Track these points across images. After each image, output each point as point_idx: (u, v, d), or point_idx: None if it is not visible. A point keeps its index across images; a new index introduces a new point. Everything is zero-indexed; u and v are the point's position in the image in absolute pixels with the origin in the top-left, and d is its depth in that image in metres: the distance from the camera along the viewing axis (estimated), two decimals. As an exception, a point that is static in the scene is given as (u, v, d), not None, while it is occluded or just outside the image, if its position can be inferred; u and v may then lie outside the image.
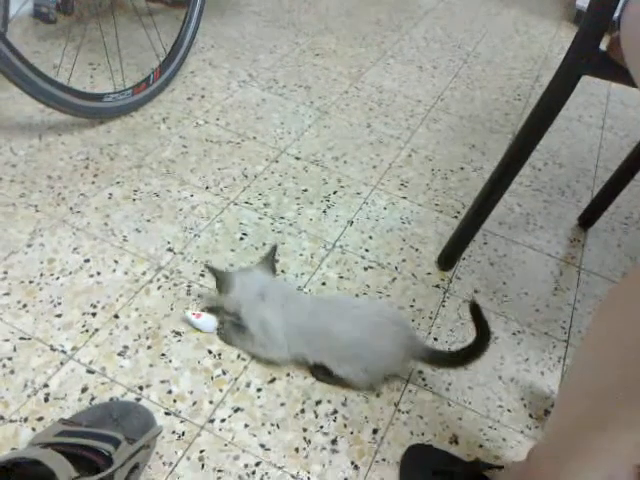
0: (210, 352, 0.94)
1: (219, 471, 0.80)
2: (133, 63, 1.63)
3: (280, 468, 0.81)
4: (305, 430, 0.86)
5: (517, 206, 1.38)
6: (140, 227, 1.14)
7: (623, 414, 0.52)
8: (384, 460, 0.85)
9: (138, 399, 0.86)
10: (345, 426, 0.88)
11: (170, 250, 1.10)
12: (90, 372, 0.89)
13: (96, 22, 1.74)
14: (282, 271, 1.10)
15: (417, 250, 1.20)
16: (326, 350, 0.89)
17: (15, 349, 0.90)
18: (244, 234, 1.17)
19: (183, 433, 0.83)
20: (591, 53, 0.83)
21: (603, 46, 0.82)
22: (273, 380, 0.92)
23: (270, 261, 0.98)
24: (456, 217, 1.31)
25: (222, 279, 0.94)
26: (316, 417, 0.88)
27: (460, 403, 0.94)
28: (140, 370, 0.90)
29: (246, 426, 0.85)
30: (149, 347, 0.94)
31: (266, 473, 0.81)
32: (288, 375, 0.93)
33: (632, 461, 0.69)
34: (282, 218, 1.22)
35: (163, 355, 0.93)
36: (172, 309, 1.00)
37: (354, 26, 2.12)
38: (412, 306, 1.08)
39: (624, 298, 0.54)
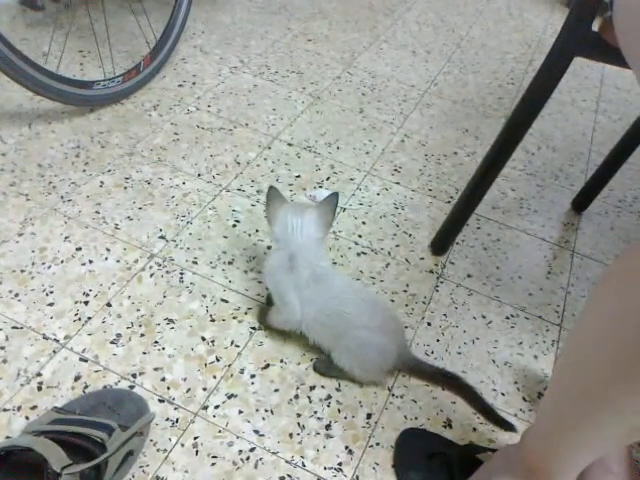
0: (203, 339, 0.94)
1: (213, 457, 0.80)
2: (123, 50, 1.62)
3: (274, 454, 0.82)
4: (299, 415, 0.87)
5: (510, 190, 1.38)
6: (132, 215, 1.13)
7: (616, 397, 0.52)
8: (378, 444, 0.85)
9: (132, 387, 0.86)
10: (339, 411, 0.88)
11: (162, 238, 1.10)
12: (83, 360, 0.89)
13: (85, 8, 1.71)
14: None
15: (410, 235, 1.20)
16: (337, 338, 0.87)
17: (7, 338, 0.90)
18: (237, 221, 1.16)
19: (177, 420, 0.83)
20: (583, 34, 0.82)
21: (596, 27, 0.82)
22: (267, 366, 0.92)
23: (330, 210, 0.87)
24: (449, 202, 1.30)
25: (274, 204, 0.89)
26: (310, 402, 0.88)
27: (454, 387, 0.94)
28: (133, 358, 0.90)
29: (240, 412, 0.86)
30: (142, 335, 0.93)
31: (260, 459, 0.81)
32: (282, 361, 0.93)
33: (624, 443, 0.70)
34: (275, 205, 1.21)
35: (156, 343, 0.93)
36: (165, 297, 0.99)
37: (347, 11, 2.10)
38: (405, 291, 1.08)
39: (617, 279, 0.54)
